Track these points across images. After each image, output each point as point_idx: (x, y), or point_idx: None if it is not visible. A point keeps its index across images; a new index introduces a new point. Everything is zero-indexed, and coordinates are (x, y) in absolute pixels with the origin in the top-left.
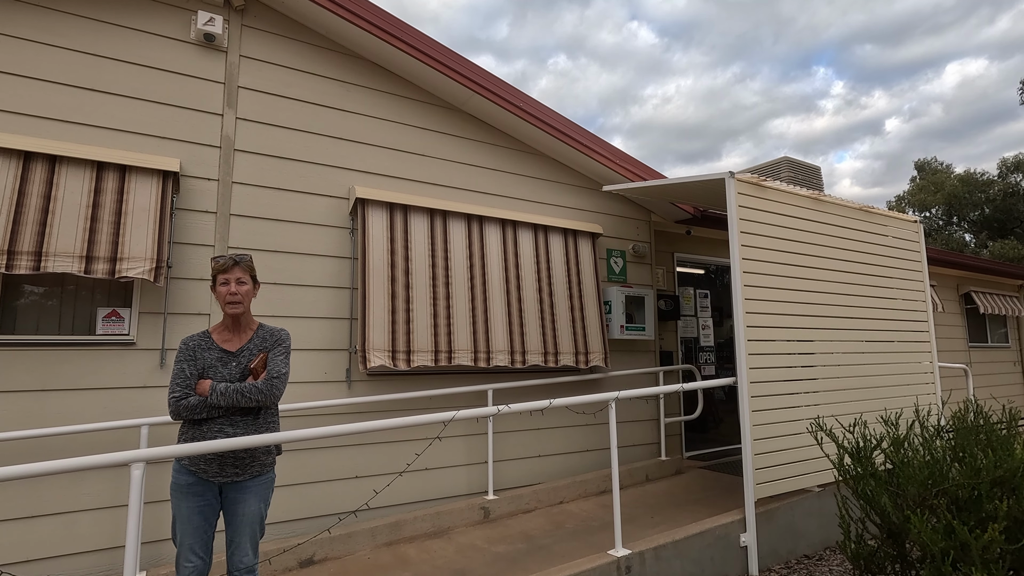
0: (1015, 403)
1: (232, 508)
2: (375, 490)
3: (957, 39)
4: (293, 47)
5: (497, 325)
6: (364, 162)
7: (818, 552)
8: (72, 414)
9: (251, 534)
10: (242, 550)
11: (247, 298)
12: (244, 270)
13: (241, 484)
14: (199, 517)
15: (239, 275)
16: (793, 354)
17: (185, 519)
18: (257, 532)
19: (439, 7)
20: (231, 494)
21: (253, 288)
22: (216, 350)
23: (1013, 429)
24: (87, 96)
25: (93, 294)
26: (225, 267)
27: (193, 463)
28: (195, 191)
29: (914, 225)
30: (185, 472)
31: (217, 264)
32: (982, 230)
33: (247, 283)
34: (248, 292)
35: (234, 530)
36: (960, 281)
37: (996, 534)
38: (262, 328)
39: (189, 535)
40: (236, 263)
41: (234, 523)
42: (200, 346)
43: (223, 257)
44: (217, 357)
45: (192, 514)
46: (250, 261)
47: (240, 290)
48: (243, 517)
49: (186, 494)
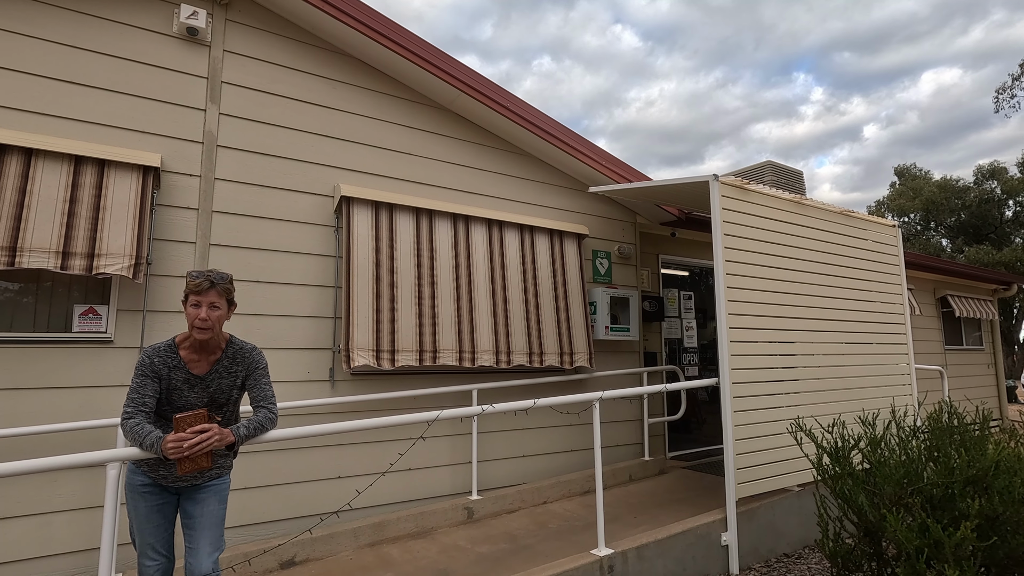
0: (988, 404)
1: (190, 510)
2: (357, 490)
3: (932, 48)
4: (278, 43)
5: (482, 325)
6: (350, 160)
7: (797, 551)
8: (47, 413)
9: (211, 537)
10: (201, 554)
11: (219, 323)
12: (220, 294)
13: (199, 486)
14: (158, 515)
15: (213, 299)
16: (774, 355)
17: (144, 518)
18: (217, 536)
19: (423, 6)
20: (189, 496)
21: (228, 312)
22: (183, 371)
23: (986, 429)
24: (66, 89)
25: (70, 291)
26: (199, 288)
27: (151, 468)
28: (177, 187)
29: (892, 229)
30: (140, 473)
31: (191, 283)
32: (958, 235)
33: (220, 308)
34: (220, 317)
35: (193, 533)
36: (937, 285)
37: (968, 532)
38: (232, 346)
39: (150, 534)
40: (212, 285)
41: (193, 525)
42: (166, 363)
43: (199, 275)
44: (184, 379)
45: (151, 512)
46: (228, 283)
47: (211, 316)
48: (202, 519)
49: (142, 494)
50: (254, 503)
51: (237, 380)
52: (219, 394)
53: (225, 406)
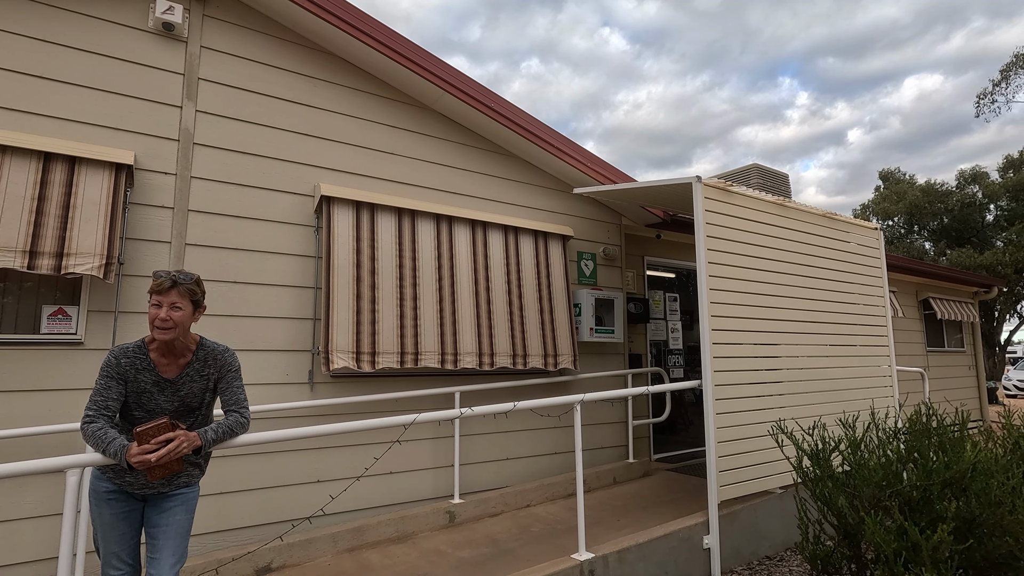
0: (968, 406)
1: (155, 519)
2: (331, 495)
3: (915, 54)
4: (258, 40)
5: (465, 327)
6: (331, 159)
7: (779, 553)
8: (14, 416)
9: (174, 548)
10: (163, 565)
11: (182, 324)
12: (182, 294)
13: (166, 495)
14: (123, 523)
15: (175, 299)
16: (757, 357)
17: (109, 526)
18: (181, 547)
19: (411, 6)
20: (155, 504)
21: (194, 313)
22: (152, 372)
23: (965, 431)
24: (36, 84)
25: (38, 291)
26: (161, 288)
27: (116, 474)
28: (151, 185)
29: (875, 232)
30: (105, 480)
31: (154, 283)
32: (941, 239)
33: (183, 308)
34: (183, 318)
35: (156, 543)
36: (919, 288)
37: (945, 535)
38: (202, 348)
39: (115, 542)
40: (174, 285)
41: (157, 535)
42: (134, 365)
43: (162, 274)
44: (153, 382)
45: (116, 520)
46: (192, 283)
47: (172, 316)
48: (167, 528)
49: (107, 501)
50: (230, 508)
51: (209, 383)
52: (190, 398)
53: (197, 410)
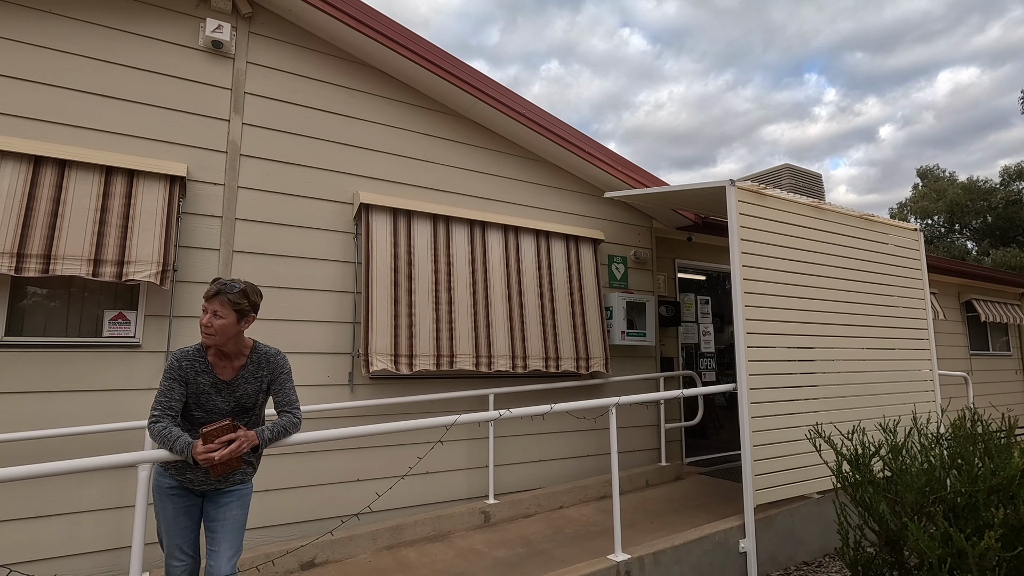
0: (1014, 412)
1: (213, 514)
2: (377, 493)
3: (948, 47)
4: (300, 54)
5: (499, 330)
6: (369, 168)
7: (817, 559)
8: (77, 415)
9: (231, 541)
10: (221, 557)
11: (223, 332)
12: (224, 303)
13: (223, 491)
14: (185, 517)
15: (217, 307)
16: (793, 361)
17: (171, 520)
18: (238, 540)
19: (429, 12)
20: (213, 499)
21: (240, 321)
22: (210, 374)
23: (1012, 437)
24: (97, 101)
25: (100, 296)
26: (207, 295)
27: (178, 471)
28: (201, 195)
29: (914, 233)
30: (168, 476)
31: (208, 289)
32: (984, 238)
33: (224, 317)
34: (224, 327)
35: (215, 536)
36: (961, 289)
37: (992, 542)
38: (256, 351)
39: (177, 535)
40: (217, 293)
41: (215, 528)
42: (194, 368)
43: (215, 283)
44: (211, 383)
45: (178, 515)
46: (237, 294)
47: (214, 323)
48: (225, 522)
49: (170, 496)
50: (275, 505)
51: (263, 385)
52: (245, 398)
53: (251, 410)
